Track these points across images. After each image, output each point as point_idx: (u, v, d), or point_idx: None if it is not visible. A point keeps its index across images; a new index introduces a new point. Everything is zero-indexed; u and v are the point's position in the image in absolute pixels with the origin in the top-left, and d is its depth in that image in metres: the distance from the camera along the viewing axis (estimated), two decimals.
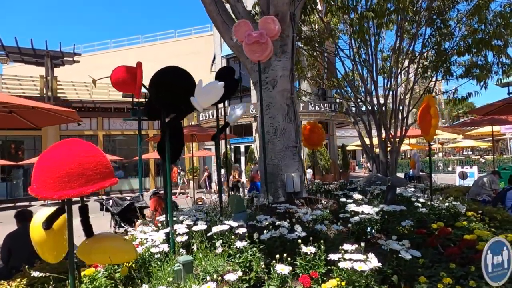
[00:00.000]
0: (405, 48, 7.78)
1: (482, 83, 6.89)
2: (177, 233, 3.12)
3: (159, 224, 3.78)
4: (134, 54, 24.65)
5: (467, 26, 7.29)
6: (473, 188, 7.49)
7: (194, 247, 2.95)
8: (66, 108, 4.55)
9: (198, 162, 21.42)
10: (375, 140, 7.85)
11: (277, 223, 3.00)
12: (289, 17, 4.68)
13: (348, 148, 25.22)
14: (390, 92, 7.77)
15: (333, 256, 2.41)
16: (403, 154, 37.59)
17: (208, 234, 3.04)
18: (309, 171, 16.43)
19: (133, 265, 2.87)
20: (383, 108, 7.86)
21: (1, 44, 16.33)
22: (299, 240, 2.60)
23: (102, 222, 7.47)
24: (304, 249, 2.53)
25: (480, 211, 4.34)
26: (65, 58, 18.05)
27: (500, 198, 5.84)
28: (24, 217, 4.08)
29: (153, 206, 6.32)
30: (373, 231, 3.39)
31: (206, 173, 18.51)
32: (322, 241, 2.88)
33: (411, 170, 10.42)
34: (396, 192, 4.25)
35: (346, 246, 2.48)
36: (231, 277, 2.33)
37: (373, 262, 2.30)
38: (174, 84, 3.22)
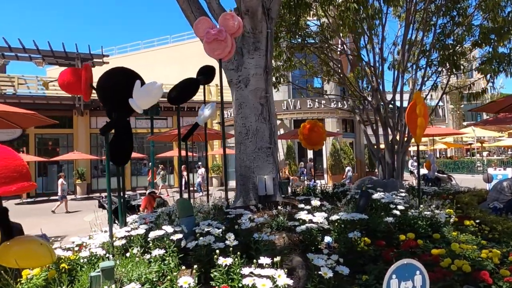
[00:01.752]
0: (413, 39, 7.20)
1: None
2: (116, 237, 3.08)
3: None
4: (162, 54, 25.30)
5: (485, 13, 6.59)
6: (492, 193, 6.77)
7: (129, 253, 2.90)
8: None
9: (222, 161, 21.60)
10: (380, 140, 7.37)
11: (206, 230, 2.86)
12: (262, 12, 4.47)
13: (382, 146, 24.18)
14: (398, 88, 7.25)
15: (244, 270, 2.23)
16: (443, 152, 35.24)
17: (149, 239, 2.97)
18: (349, 169, 15.91)
19: (65, 267, 2.86)
20: (390, 105, 7.37)
21: (37, 48, 17.47)
22: (229, 249, 2.45)
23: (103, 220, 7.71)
24: (220, 260, 2.37)
25: (478, 220, 3.91)
26: (94, 60, 18.96)
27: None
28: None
29: (143, 205, 6.41)
30: (331, 241, 3.14)
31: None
32: (253, 251, 2.71)
33: (428, 172, 9.68)
34: (370, 198, 3.92)
35: (263, 260, 2.29)
36: (132, 286, 2.24)
37: (282, 279, 2.09)
38: (117, 86, 3.18)
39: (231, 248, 2.48)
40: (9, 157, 2.39)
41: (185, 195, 4.59)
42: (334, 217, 3.27)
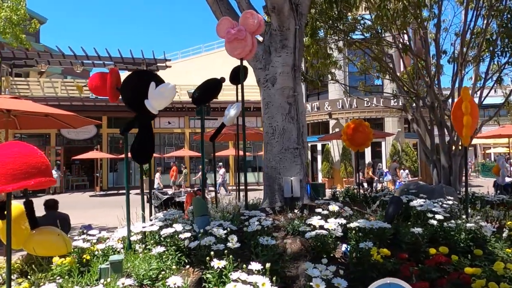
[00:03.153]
0: (476, 27, 6.38)
1: None
2: (133, 232, 3.23)
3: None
4: (220, 57, 26.13)
5: None
6: None
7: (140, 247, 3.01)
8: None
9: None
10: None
11: (210, 230, 2.84)
12: (290, 9, 4.33)
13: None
14: (457, 83, 6.49)
15: (234, 275, 2.17)
16: None
17: (162, 236, 3.07)
18: (405, 172, 14.84)
19: (87, 257, 3.08)
20: (448, 102, 6.64)
21: (109, 56, 19.28)
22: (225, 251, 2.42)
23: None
24: (214, 263, 2.34)
25: None
26: (158, 64, 20.30)
27: None
28: (49, 205, 4.77)
29: (187, 201, 6.66)
30: (347, 250, 2.92)
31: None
32: (254, 255, 2.63)
33: (497, 178, 8.49)
34: (401, 206, 3.55)
35: (253, 265, 2.21)
36: (127, 281, 2.31)
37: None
38: (134, 88, 3.33)
39: (226, 251, 2.43)
40: (30, 155, 2.61)
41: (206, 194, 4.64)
42: (353, 224, 3.02)
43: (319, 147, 19.56)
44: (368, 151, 18.09)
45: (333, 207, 3.30)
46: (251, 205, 4.79)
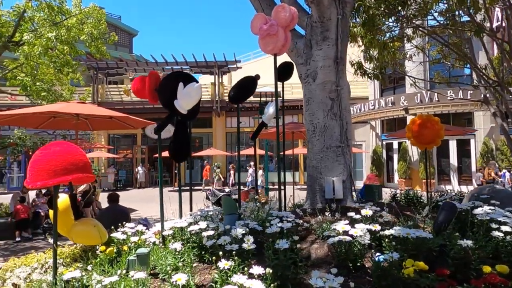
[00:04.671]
0: None
1: None
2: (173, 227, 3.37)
3: None
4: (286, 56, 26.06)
5: None
6: None
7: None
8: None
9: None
10: None
11: (222, 229, 2.80)
12: None
13: None
14: None
15: (235, 277, 2.11)
16: None
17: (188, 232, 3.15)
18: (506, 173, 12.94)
19: (125, 249, 3.32)
20: None
21: (185, 61, 20.69)
22: (234, 252, 2.38)
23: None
24: (221, 263, 2.31)
25: None
26: (229, 66, 21.09)
27: None
28: (112, 199, 5.28)
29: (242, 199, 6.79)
30: (381, 260, 2.62)
31: (232, 171, 19.03)
32: (268, 259, 2.53)
33: None
34: (454, 213, 3.04)
35: (255, 269, 2.12)
36: (140, 275, 2.41)
37: None
38: (165, 89, 3.47)
39: (233, 252, 2.38)
40: (70, 153, 2.90)
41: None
42: (387, 232, 2.70)
43: (395, 145, 18.14)
44: (453, 150, 16.16)
45: (366, 211, 2.98)
46: (297, 206, 4.65)
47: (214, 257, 2.37)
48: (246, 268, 2.15)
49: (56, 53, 8.51)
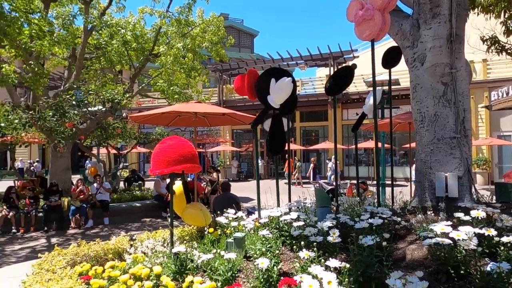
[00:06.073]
0: None
1: None
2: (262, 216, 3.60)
3: None
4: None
5: None
6: None
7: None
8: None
9: (489, 152, 17.49)
10: None
11: (312, 220, 2.80)
12: None
13: None
14: None
15: (312, 268, 2.15)
16: None
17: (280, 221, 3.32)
18: None
19: (228, 231, 3.70)
20: None
21: (300, 55, 20.92)
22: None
23: None
24: (301, 253, 2.38)
25: None
26: (344, 56, 20.34)
27: None
28: (224, 187, 5.86)
29: (348, 192, 6.62)
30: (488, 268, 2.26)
31: (312, 165, 18.00)
32: (352, 254, 2.49)
33: None
34: None
35: (332, 262, 2.11)
36: (231, 255, 2.66)
37: (331, 286, 1.89)
38: (259, 85, 3.65)
39: (315, 243, 2.40)
40: (181, 146, 3.40)
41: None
42: (505, 239, 2.27)
43: None
44: None
45: (478, 212, 2.55)
46: (406, 203, 4.29)
47: (296, 247, 2.44)
48: (323, 260, 2.16)
49: (185, 60, 9.86)
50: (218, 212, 3.99)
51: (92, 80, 10.46)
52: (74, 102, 7.84)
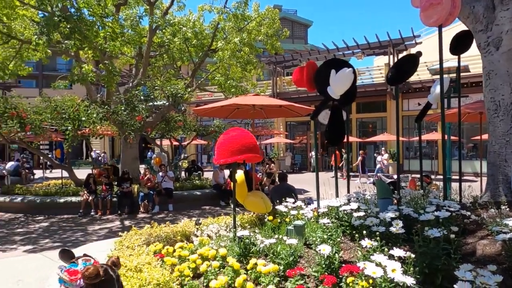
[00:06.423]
0: None
1: None
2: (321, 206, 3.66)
3: None
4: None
5: None
6: None
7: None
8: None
9: None
10: None
11: (372, 211, 2.79)
12: None
13: None
14: None
15: (375, 256, 2.19)
16: None
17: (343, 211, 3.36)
18: None
19: (287, 220, 3.83)
20: None
21: (356, 44, 20.16)
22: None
23: None
24: (364, 242, 2.41)
25: None
26: (405, 43, 19.17)
27: None
28: (281, 177, 5.98)
29: (411, 185, 6.39)
30: None
31: (360, 157, 16.99)
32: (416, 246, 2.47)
33: None
34: None
35: (395, 251, 2.13)
36: (292, 241, 2.77)
37: (395, 274, 1.92)
38: (319, 76, 3.67)
39: (378, 233, 2.41)
40: (243, 137, 3.59)
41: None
42: None
43: None
44: None
45: None
46: (476, 198, 4.04)
47: (357, 236, 2.48)
48: (386, 249, 2.17)
49: (241, 54, 10.12)
50: (277, 201, 4.12)
51: (156, 76, 11.21)
52: (142, 97, 8.50)
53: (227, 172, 10.88)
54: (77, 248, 4.73)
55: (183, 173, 12.69)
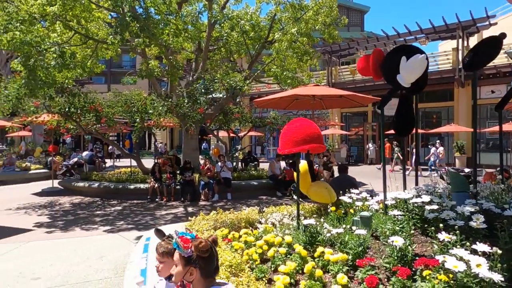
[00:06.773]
0: None
1: None
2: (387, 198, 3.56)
3: None
4: None
5: None
6: None
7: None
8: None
9: None
10: None
11: (447, 205, 2.64)
12: None
13: None
14: None
15: (455, 250, 2.11)
16: None
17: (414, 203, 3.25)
18: None
19: (351, 211, 3.79)
20: None
21: (420, 29, 18.83)
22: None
23: None
24: (441, 235, 2.33)
25: None
26: (477, 25, 17.46)
27: None
28: (342, 168, 5.88)
29: (487, 179, 5.92)
30: None
31: (432, 151, 16.19)
32: (501, 242, 2.35)
33: None
34: None
35: (479, 246, 2.03)
36: (361, 231, 2.75)
37: (481, 269, 1.84)
38: (387, 64, 3.52)
39: (456, 227, 2.30)
40: (307, 127, 3.62)
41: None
42: None
43: None
44: None
45: None
46: None
47: (433, 229, 2.39)
48: (468, 244, 2.07)
49: (298, 45, 10.03)
50: (341, 192, 4.09)
51: (214, 70, 11.57)
52: (202, 90, 8.87)
53: (283, 163, 10.95)
54: (149, 230, 5.16)
55: (239, 164, 13.03)
